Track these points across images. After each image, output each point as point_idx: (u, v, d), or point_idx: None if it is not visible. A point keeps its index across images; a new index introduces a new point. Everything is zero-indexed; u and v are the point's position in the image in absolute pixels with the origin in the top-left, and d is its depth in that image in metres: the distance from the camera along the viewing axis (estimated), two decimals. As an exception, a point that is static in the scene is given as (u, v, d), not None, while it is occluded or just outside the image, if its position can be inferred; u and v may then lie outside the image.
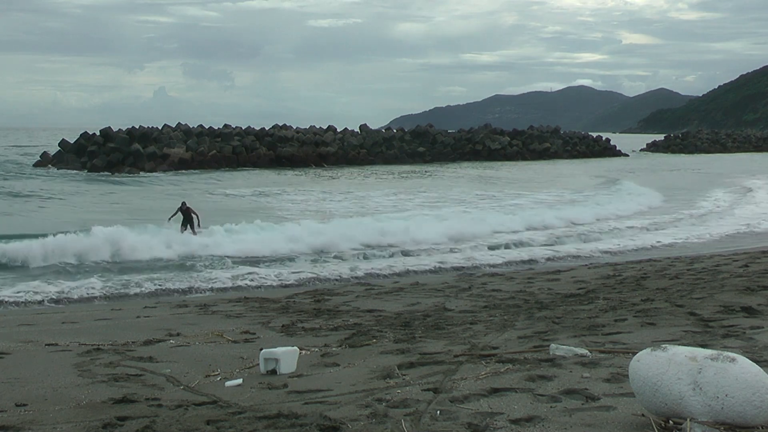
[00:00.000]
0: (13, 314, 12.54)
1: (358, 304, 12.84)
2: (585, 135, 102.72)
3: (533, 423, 5.68)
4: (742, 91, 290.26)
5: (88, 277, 16.45)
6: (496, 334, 9.44)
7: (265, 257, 19.44)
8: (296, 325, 10.79)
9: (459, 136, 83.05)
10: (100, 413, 6.48)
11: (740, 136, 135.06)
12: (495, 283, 14.66)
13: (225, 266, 18.15)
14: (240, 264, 18.49)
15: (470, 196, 38.12)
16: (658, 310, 10.61)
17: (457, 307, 12.13)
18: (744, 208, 33.30)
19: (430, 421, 5.82)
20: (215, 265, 18.27)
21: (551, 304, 12.02)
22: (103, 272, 17.21)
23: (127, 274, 17.01)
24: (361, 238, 21.46)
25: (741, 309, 10.24)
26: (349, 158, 67.58)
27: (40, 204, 33.62)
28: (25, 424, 6.28)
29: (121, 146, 58.17)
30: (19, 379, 7.82)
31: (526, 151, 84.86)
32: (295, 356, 8.04)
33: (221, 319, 11.58)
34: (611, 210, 30.45)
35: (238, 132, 65.45)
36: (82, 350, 9.25)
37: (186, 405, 6.62)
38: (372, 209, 31.08)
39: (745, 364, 5.10)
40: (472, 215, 28.19)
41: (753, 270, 14.50)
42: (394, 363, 7.91)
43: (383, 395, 6.62)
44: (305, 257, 19.39)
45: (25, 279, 16.09)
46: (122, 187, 42.92)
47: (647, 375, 5.22)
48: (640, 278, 14.44)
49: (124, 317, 11.98)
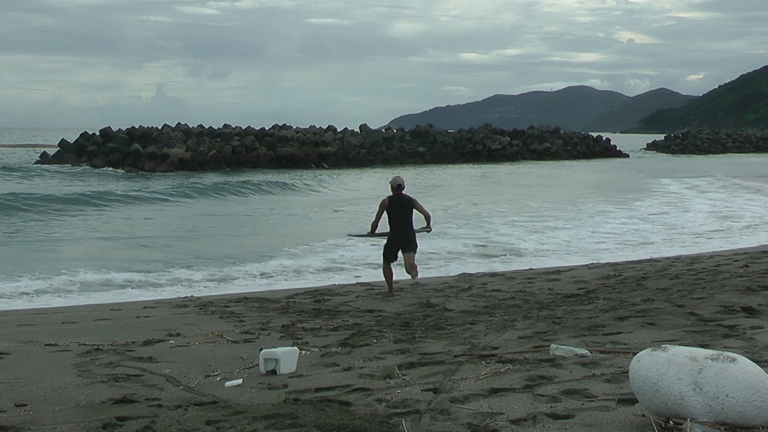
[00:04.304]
0: (13, 314, 12.52)
1: (358, 304, 12.83)
2: (585, 135, 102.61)
3: (533, 423, 5.67)
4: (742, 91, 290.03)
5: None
6: (496, 334, 9.44)
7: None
8: (296, 325, 10.78)
9: (459, 136, 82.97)
10: (100, 413, 6.48)
11: (740, 136, 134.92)
12: (495, 283, 14.65)
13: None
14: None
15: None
16: (659, 310, 10.60)
17: (457, 307, 12.12)
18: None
19: (430, 421, 5.82)
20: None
21: (551, 304, 12.02)
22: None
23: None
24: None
25: (741, 309, 10.23)
26: (349, 158, 67.54)
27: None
28: (25, 424, 6.28)
29: (120, 146, 58.17)
30: (18, 380, 7.81)
31: (526, 151, 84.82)
32: (295, 356, 8.04)
33: (221, 319, 11.57)
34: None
35: (237, 132, 65.37)
36: (82, 350, 9.25)
37: (186, 405, 6.62)
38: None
39: (745, 364, 5.10)
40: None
41: (753, 270, 14.50)
42: (394, 363, 7.91)
43: (383, 395, 6.62)
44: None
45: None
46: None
47: (647, 375, 5.22)
48: (641, 278, 14.43)
49: (123, 317, 11.97)
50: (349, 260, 18.96)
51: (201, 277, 16.90)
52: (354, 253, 19.79)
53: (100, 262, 18.31)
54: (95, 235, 24.25)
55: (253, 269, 17.81)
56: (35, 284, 15.63)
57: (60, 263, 18.04)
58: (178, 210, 32.53)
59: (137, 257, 19.50)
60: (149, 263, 18.44)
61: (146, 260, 18.92)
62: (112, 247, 21.54)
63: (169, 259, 19.21)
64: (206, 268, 17.88)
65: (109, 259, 19.15)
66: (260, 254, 19.70)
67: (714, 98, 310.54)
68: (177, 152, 57.61)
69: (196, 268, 17.80)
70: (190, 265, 18.18)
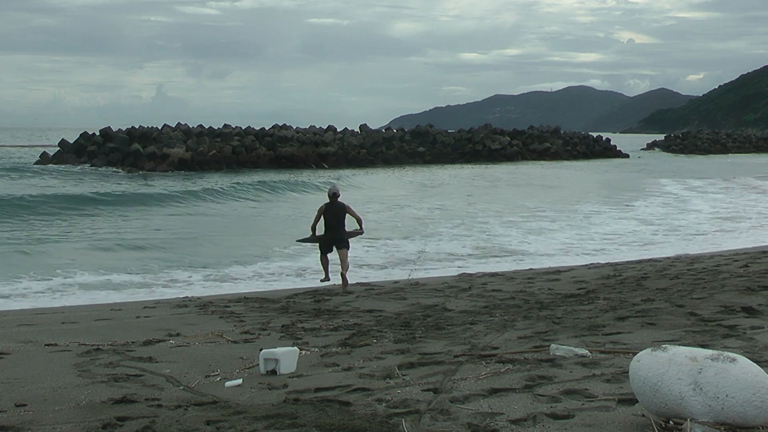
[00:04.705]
0: (13, 314, 12.52)
1: (358, 304, 12.84)
2: (585, 135, 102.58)
3: (533, 423, 5.67)
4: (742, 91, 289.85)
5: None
6: (496, 334, 9.44)
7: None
8: (296, 325, 10.79)
9: (459, 136, 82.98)
10: (100, 413, 6.47)
11: (741, 136, 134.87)
12: (495, 283, 14.65)
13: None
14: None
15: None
16: (659, 310, 10.60)
17: (457, 307, 12.12)
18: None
19: (430, 421, 5.82)
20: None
21: (551, 304, 12.02)
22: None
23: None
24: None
25: (741, 309, 10.23)
26: (349, 158, 67.52)
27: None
28: (25, 424, 6.28)
29: (120, 146, 58.21)
30: (18, 380, 7.81)
31: (526, 151, 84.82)
32: (295, 356, 8.03)
33: (221, 319, 11.57)
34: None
35: (237, 132, 65.35)
36: (82, 350, 9.25)
37: (186, 405, 6.61)
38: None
39: (745, 364, 5.09)
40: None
41: (753, 270, 14.50)
42: (394, 363, 7.91)
43: (383, 395, 6.62)
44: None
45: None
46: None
47: (647, 375, 5.22)
48: (641, 278, 14.43)
49: (123, 317, 11.97)
50: (349, 260, 18.97)
51: (200, 277, 16.92)
52: (354, 254, 19.80)
53: (100, 263, 18.32)
54: (95, 235, 24.26)
55: (253, 270, 17.83)
56: (34, 285, 15.65)
57: (60, 263, 18.06)
58: (178, 211, 32.52)
59: (137, 258, 19.51)
60: (149, 263, 18.46)
61: (145, 261, 18.93)
62: (113, 248, 21.53)
63: (168, 259, 19.22)
64: (204, 268, 17.90)
65: (109, 259, 19.16)
66: (260, 255, 19.71)
67: (714, 98, 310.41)
68: (177, 152, 57.61)
69: (194, 269, 17.82)
70: (190, 266, 18.20)
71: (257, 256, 19.57)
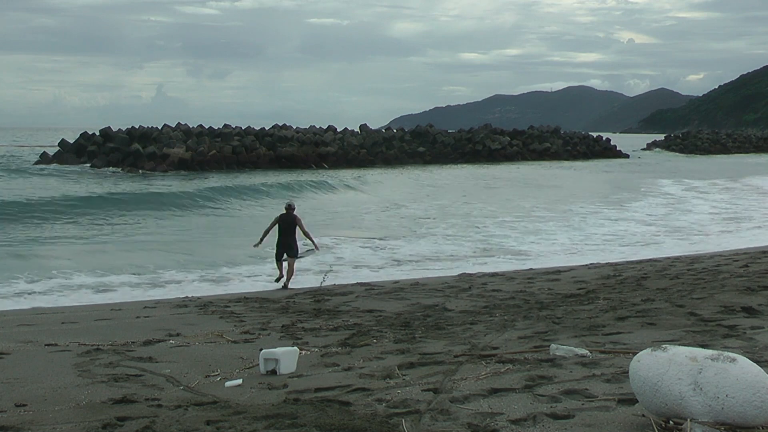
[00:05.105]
0: (13, 314, 12.52)
1: (358, 304, 12.83)
2: (585, 135, 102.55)
3: (533, 423, 5.67)
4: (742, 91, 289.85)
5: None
6: (496, 334, 9.44)
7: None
8: (296, 325, 10.79)
9: (459, 136, 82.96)
10: (100, 413, 6.47)
11: (740, 136, 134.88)
12: (495, 283, 14.65)
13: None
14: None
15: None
16: (659, 310, 10.60)
17: (457, 307, 12.12)
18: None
19: (430, 421, 5.82)
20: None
21: (551, 304, 12.01)
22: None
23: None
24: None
25: (741, 309, 10.23)
26: (349, 158, 67.49)
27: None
28: (25, 424, 6.28)
29: (120, 146, 58.19)
30: (18, 380, 7.81)
31: (526, 151, 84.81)
32: (295, 356, 8.04)
33: (221, 319, 11.57)
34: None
35: (237, 132, 65.33)
36: (82, 350, 9.25)
37: (186, 405, 6.61)
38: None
39: (745, 364, 5.09)
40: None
41: (753, 270, 14.49)
42: (394, 363, 7.91)
43: (383, 395, 6.62)
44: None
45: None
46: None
47: (647, 375, 5.22)
48: (641, 278, 14.42)
49: (123, 317, 11.97)
50: (349, 261, 18.97)
51: (200, 277, 16.93)
52: (354, 254, 19.81)
53: (100, 263, 18.31)
54: (95, 235, 24.24)
55: (252, 270, 17.83)
56: (33, 286, 15.64)
57: (59, 264, 18.05)
58: (178, 211, 32.49)
59: (137, 258, 19.50)
60: (149, 263, 18.45)
61: (145, 261, 18.92)
62: (113, 248, 21.53)
63: (168, 259, 19.21)
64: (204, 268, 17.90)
65: (109, 259, 19.15)
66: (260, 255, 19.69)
67: (714, 98, 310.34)
68: (177, 152, 57.60)
69: (194, 269, 17.83)
70: (190, 266, 18.21)
71: (257, 256, 19.55)
